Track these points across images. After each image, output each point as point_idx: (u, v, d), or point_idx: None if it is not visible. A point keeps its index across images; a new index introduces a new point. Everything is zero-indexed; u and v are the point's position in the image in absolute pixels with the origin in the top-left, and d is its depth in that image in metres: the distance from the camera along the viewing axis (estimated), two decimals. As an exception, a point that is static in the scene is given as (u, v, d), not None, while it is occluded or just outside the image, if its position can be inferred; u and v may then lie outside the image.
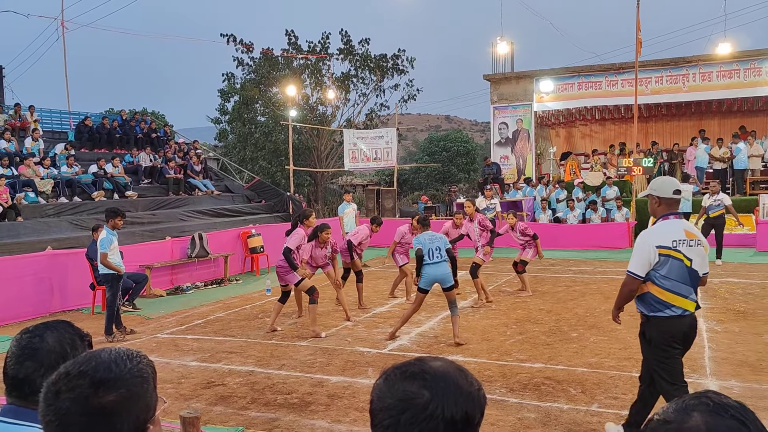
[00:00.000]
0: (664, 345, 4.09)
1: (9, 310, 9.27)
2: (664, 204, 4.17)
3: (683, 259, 4.02)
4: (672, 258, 4.01)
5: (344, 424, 4.98)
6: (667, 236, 4.04)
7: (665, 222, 4.13)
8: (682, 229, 4.09)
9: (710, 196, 13.14)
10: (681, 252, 4.02)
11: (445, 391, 1.10)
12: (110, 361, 1.22)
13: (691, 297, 4.08)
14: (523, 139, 21.81)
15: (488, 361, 6.57)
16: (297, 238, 7.95)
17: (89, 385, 1.17)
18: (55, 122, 19.44)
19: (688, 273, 4.04)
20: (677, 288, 4.03)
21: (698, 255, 4.09)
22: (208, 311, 9.84)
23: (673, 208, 4.17)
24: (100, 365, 1.20)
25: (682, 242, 4.03)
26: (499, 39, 22.87)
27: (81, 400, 1.16)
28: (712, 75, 19.15)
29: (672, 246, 4.01)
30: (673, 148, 19.81)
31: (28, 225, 12.39)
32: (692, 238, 4.07)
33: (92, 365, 1.20)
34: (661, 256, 4.02)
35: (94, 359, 1.22)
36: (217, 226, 15.07)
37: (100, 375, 1.18)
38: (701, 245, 4.13)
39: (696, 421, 1.03)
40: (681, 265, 4.03)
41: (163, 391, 5.80)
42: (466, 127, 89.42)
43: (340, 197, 22.59)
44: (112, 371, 1.20)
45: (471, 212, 9.88)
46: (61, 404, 1.16)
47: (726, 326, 7.72)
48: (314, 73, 31.61)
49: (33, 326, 1.67)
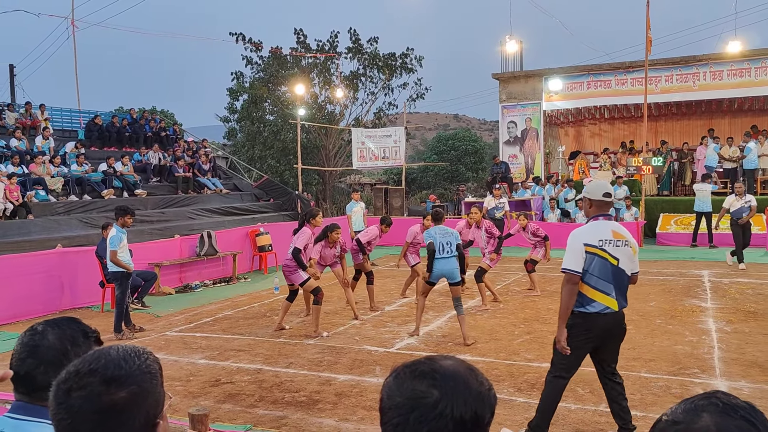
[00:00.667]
0: (574, 334, 4.30)
1: (19, 308, 9.33)
2: (595, 206, 4.43)
3: (608, 257, 4.27)
4: (597, 256, 4.25)
5: (352, 423, 4.98)
6: (594, 235, 4.29)
7: (595, 222, 4.39)
8: (609, 229, 4.33)
9: (737, 198, 12.50)
10: (606, 251, 4.26)
11: (455, 391, 1.10)
12: (119, 358, 1.22)
13: (612, 295, 4.29)
14: (532, 138, 21.74)
15: (496, 360, 6.56)
16: (304, 238, 7.95)
17: (100, 383, 1.18)
18: (65, 121, 19.56)
19: (613, 271, 4.28)
20: (599, 285, 4.26)
21: (625, 255, 4.33)
22: (216, 309, 9.88)
23: (603, 210, 4.43)
24: (110, 363, 1.21)
25: (609, 242, 4.28)
26: (508, 37, 22.79)
27: (93, 397, 1.17)
28: (722, 74, 19.01)
29: (598, 245, 4.26)
30: (683, 147, 19.70)
31: (39, 223, 12.48)
32: (620, 239, 4.33)
33: (102, 363, 1.21)
34: (588, 253, 4.26)
35: (104, 357, 1.22)
36: (226, 224, 15.12)
37: (111, 372, 1.19)
38: (629, 246, 4.37)
39: (705, 421, 1.02)
40: (605, 264, 4.26)
41: (172, 388, 5.83)
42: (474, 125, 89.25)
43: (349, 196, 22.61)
44: (122, 368, 1.20)
45: (477, 218, 9.88)
46: (72, 402, 1.17)
47: (736, 326, 7.68)
48: (323, 71, 31.63)
49: (38, 324, 1.68)
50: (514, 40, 22.81)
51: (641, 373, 6.00)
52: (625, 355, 6.56)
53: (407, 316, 8.81)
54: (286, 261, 8.02)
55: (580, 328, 4.31)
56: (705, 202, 15.21)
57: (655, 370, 6.07)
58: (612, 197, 4.51)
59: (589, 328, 4.29)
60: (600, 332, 4.32)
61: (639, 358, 6.45)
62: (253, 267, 13.88)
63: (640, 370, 6.06)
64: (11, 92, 25.27)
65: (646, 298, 9.58)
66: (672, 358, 6.47)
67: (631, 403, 5.19)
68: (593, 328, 4.29)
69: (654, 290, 10.17)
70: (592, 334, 4.30)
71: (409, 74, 32.16)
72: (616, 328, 4.39)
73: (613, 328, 4.37)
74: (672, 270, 12.23)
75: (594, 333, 4.30)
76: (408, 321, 8.51)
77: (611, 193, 4.51)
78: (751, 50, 18.86)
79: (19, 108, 17.76)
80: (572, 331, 4.34)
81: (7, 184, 12.45)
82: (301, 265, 7.82)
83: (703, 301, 9.28)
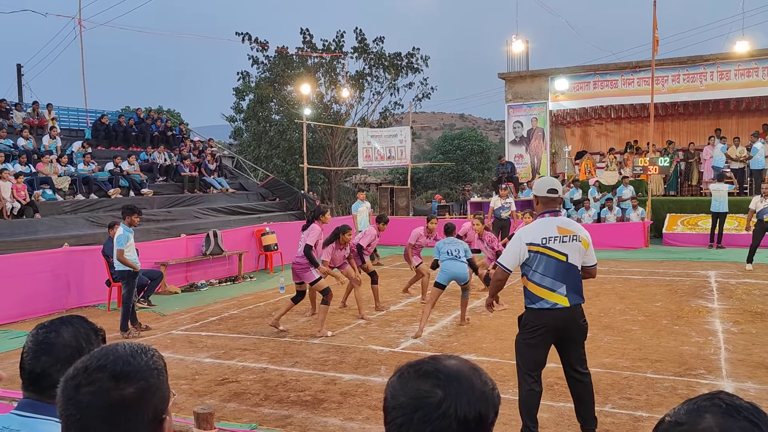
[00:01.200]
0: (526, 332, 4.36)
1: (26, 306, 9.38)
2: (542, 202, 4.43)
3: (554, 254, 4.25)
4: (541, 254, 4.26)
5: (357, 422, 4.99)
6: (538, 233, 4.29)
7: (540, 220, 4.39)
8: (555, 226, 4.30)
9: (763, 198, 11.97)
10: (551, 248, 4.25)
11: (459, 391, 1.10)
12: (127, 354, 1.24)
13: (559, 291, 4.27)
14: (538, 138, 21.69)
15: (501, 360, 6.55)
16: (314, 235, 7.91)
17: (109, 378, 1.19)
18: (72, 120, 19.63)
19: (561, 268, 4.25)
20: (545, 282, 4.26)
21: (574, 250, 4.29)
22: (222, 308, 9.90)
23: (549, 206, 4.41)
24: (118, 359, 1.22)
25: (554, 239, 4.26)
26: (514, 37, 22.74)
27: (102, 393, 1.18)
28: (730, 73, 18.92)
29: (541, 243, 4.26)
30: (689, 148, 19.63)
31: (46, 222, 12.53)
32: (566, 234, 4.30)
33: (110, 359, 1.22)
34: (530, 252, 4.28)
35: (112, 353, 1.24)
36: (232, 223, 15.15)
37: (120, 368, 1.20)
38: (577, 240, 4.32)
39: (708, 422, 1.02)
40: (551, 261, 4.25)
41: (177, 387, 5.84)
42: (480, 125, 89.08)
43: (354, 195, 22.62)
44: (130, 364, 1.22)
45: (480, 230, 9.91)
46: (81, 398, 1.18)
47: (743, 327, 7.64)
48: (329, 71, 31.66)
49: (48, 321, 1.69)
50: (521, 39, 22.76)
51: (647, 373, 5.99)
52: (631, 356, 6.55)
53: (412, 316, 8.81)
54: (296, 259, 7.95)
55: (531, 324, 4.34)
56: (721, 202, 14.99)
57: (661, 371, 6.05)
58: (558, 193, 4.47)
59: (540, 324, 4.30)
60: (552, 329, 4.31)
61: (645, 358, 6.43)
62: (259, 266, 13.91)
63: (646, 371, 6.05)
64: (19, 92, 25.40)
65: (653, 298, 9.55)
66: (678, 358, 6.44)
67: (637, 404, 5.18)
68: (544, 324, 4.29)
69: (660, 291, 10.13)
70: (544, 329, 4.31)
71: (414, 74, 32.19)
72: (571, 324, 4.33)
73: (567, 324, 4.32)
74: (678, 270, 12.19)
75: (546, 329, 4.30)
76: (413, 321, 8.51)
77: (557, 189, 4.49)
78: (758, 50, 18.76)
79: (26, 107, 17.83)
80: (525, 327, 4.38)
81: (15, 183, 12.51)
82: (313, 263, 7.78)
83: (709, 301, 9.25)
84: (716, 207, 15.05)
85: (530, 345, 4.36)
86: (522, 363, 4.42)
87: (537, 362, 4.38)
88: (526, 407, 4.39)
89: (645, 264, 13.16)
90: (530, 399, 4.38)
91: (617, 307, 8.89)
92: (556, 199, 4.45)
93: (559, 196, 4.49)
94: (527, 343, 4.37)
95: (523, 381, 4.41)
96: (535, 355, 4.37)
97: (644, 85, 19.27)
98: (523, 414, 4.41)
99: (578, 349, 4.45)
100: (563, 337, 4.39)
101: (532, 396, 4.38)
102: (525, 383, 4.40)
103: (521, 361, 4.43)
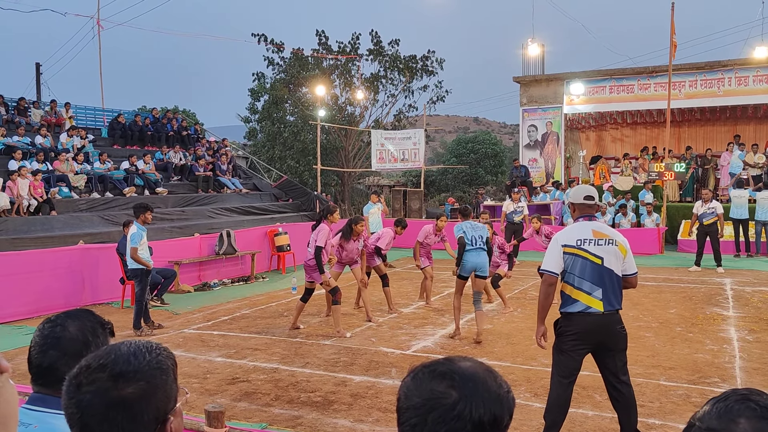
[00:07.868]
0: (564, 338, 4.30)
1: (42, 302, 9.46)
2: (578, 209, 4.50)
3: (589, 256, 4.25)
4: (576, 256, 4.27)
5: (367, 424, 4.98)
6: (573, 236, 4.33)
7: (576, 224, 4.45)
8: (590, 229, 4.34)
9: (703, 204, 13.12)
10: (586, 250, 4.26)
11: (474, 392, 1.09)
12: (129, 353, 1.24)
13: (595, 295, 4.22)
14: (552, 142, 21.59)
15: (513, 365, 6.52)
16: (323, 234, 7.94)
17: (108, 378, 1.19)
18: (89, 119, 19.82)
19: (597, 271, 4.23)
20: (580, 284, 4.24)
21: (610, 253, 4.28)
22: (234, 308, 9.94)
23: (585, 212, 4.46)
24: (119, 358, 1.22)
25: (589, 241, 4.28)
26: (530, 41, 22.67)
27: (101, 392, 1.18)
28: (748, 79, 18.73)
29: (576, 245, 4.28)
30: (706, 154, 19.44)
31: (62, 219, 12.64)
32: (602, 237, 4.31)
33: (112, 358, 1.22)
34: (566, 254, 4.29)
35: (114, 352, 1.24)
36: (245, 223, 15.21)
37: (120, 368, 1.20)
38: (614, 244, 4.30)
39: (744, 427, 0.97)
40: (586, 263, 4.25)
41: (189, 385, 5.87)
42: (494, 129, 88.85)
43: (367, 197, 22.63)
44: (131, 363, 1.22)
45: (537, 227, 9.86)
46: (82, 397, 1.19)
47: (758, 336, 7.55)
48: (343, 73, 31.70)
49: (54, 315, 1.69)
50: (536, 43, 22.68)
51: (660, 380, 5.93)
52: (644, 363, 6.49)
53: (424, 319, 8.80)
54: (308, 260, 8.03)
55: (566, 328, 4.29)
56: (742, 208, 14.68)
57: (674, 378, 5.99)
58: (594, 200, 4.51)
59: (574, 328, 4.24)
60: (587, 334, 4.23)
61: (658, 365, 6.37)
62: (271, 267, 13.94)
63: (660, 378, 5.99)
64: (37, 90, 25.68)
65: (667, 305, 9.46)
66: (692, 366, 6.38)
67: (650, 411, 5.13)
68: (579, 329, 4.23)
69: (675, 297, 10.04)
70: (579, 335, 4.23)
71: (429, 77, 32.13)
72: (605, 331, 4.23)
73: (603, 330, 4.23)
74: (693, 277, 12.07)
75: (581, 334, 4.23)
76: (424, 323, 8.50)
77: (593, 196, 4.53)
78: (777, 56, 18.56)
79: (44, 106, 18.03)
80: (560, 332, 4.33)
81: (32, 180, 12.64)
82: (320, 268, 7.82)
83: (724, 309, 9.15)
84: (737, 213, 14.75)
85: (561, 350, 4.30)
86: (554, 367, 4.38)
87: (568, 368, 4.30)
88: (550, 414, 4.33)
89: (659, 270, 13.05)
90: (557, 405, 4.31)
91: (631, 314, 8.81)
92: (592, 206, 4.49)
93: (595, 203, 4.52)
94: (558, 348, 4.32)
95: (552, 385, 4.36)
96: (566, 360, 4.29)
97: (661, 91, 19.12)
98: (547, 420, 4.35)
99: (616, 357, 4.31)
100: (599, 345, 4.28)
101: (560, 402, 4.30)
102: (553, 388, 4.34)
103: (554, 364, 4.39)
